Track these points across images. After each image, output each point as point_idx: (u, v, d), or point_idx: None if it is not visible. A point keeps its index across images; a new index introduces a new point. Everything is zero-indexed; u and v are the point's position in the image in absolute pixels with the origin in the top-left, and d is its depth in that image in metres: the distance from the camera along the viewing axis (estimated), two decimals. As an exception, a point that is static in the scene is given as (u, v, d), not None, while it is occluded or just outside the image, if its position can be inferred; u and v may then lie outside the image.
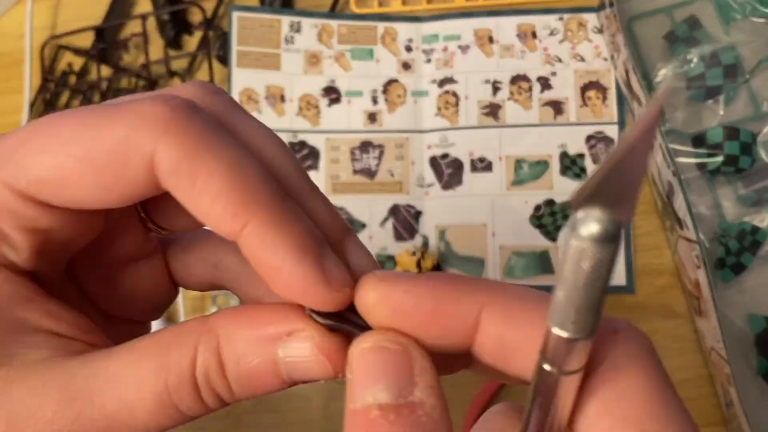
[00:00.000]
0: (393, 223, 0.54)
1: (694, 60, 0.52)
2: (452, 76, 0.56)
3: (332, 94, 0.56)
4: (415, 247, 0.52)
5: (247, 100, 0.55)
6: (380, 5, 0.58)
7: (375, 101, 0.56)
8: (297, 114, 0.56)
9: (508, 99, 0.55)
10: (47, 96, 0.58)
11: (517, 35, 0.56)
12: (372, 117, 0.56)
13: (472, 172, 0.54)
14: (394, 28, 0.57)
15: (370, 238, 0.54)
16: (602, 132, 0.54)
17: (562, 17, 0.56)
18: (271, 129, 0.20)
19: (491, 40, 0.56)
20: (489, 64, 0.56)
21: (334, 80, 0.56)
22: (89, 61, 0.60)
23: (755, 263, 0.49)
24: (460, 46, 0.56)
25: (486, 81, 0.56)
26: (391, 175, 0.55)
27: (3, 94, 0.61)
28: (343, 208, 0.54)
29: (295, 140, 0.55)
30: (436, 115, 0.55)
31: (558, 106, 0.55)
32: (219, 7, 0.59)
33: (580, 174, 0.53)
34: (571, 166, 0.54)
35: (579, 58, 0.55)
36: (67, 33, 0.59)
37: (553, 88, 0.55)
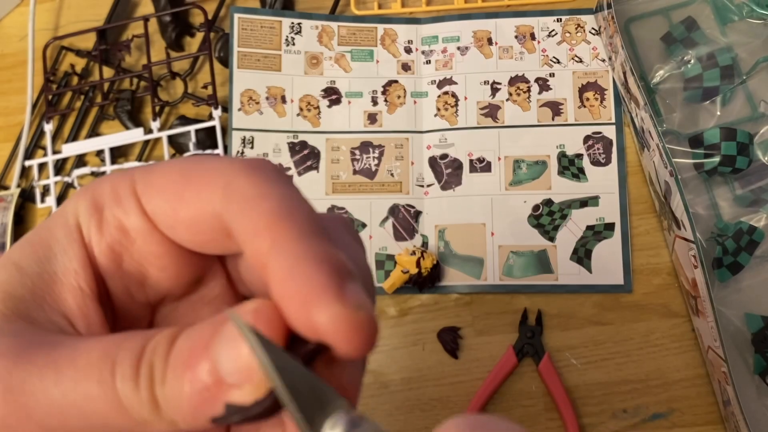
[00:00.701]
0: (393, 223, 0.54)
1: (692, 61, 0.52)
2: (451, 77, 0.56)
3: (332, 95, 0.57)
4: (414, 247, 0.52)
5: (248, 101, 0.56)
6: (380, 7, 0.59)
7: (375, 102, 0.56)
8: (297, 115, 0.56)
9: (507, 100, 0.55)
10: (50, 97, 0.59)
11: (516, 37, 0.57)
12: (372, 118, 0.56)
13: (471, 172, 0.54)
14: (394, 29, 0.58)
15: (370, 237, 0.54)
16: (600, 132, 0.54)
17: (560, 19, 0.57)
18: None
19: (490, 42, 0.57)
20: (488, 66, 0.56)
21: (335, 81, 0.57)
22: (91, 62, 0.60)
23: (752, 263, 0.49)
24: (459, 48, 0.57)
25: (485, 82, 0.56)
26: (391, 175, 0.55)
27: (6, 94, 0.61)
28: (343, 208, 0.55)
29: (296, 141, 0.56)
30: (436, 115, 0.56)
31: (556, 106, 0.55)
32: (220, 9, 0.60)
33: (578, 174, 0.54)
34: (569, 166, 0.54)
35: (577, 59, 0.56)
36: (70, 34, 0.60)
37: (551, 89, 0.55)
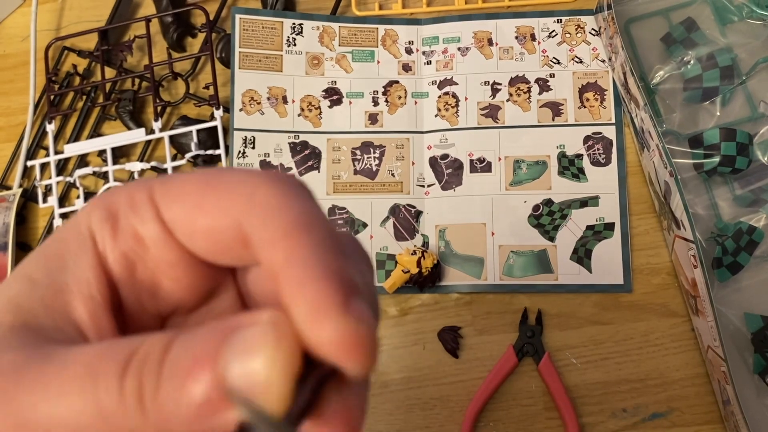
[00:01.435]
0: (393, 223, 0.54)
1: (691, 62, 0.52)
2: (452, 78, 0.56)
3: (333, 95, 0.57)
4: (415, 247, 0.52)
5: (250, 101, 0.56)
6: (381, 8, 0.59)
7: (376, 102, 0.57)
8: (299, 115, 0.56)
9: (507, 100, 0.56)
10: (51, 97, 0.59)
11: (516, 37, 0.57)
12: (373, 118, 0.56)
13: (471, 172, 0.55)
14: (395, 30, 0.58)
15: (371, 237, 0.54)
16: (600, 132, 0.55)
17: (561, 20, 0.57)
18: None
19: (490, 43, 0.57)
20: (488, 66, 0.57)
21: (336, 82, 0.57)
22: (93, 63, 0.61)
23: (752, 263, 0.49)
24: (459, 48, 0.57)
25: (485, 83, 0.56)
26: (392, 175, 0.55)
27: (8, 95, 0.62)
28: (344, 208, 0.55)
29: (297, 141, 0.56)
30: (436, 116, 0.56)
31: (556, 107, 0.55)
32: (222, 10, 0.60)
33: (578, 174, 0.54)
34: (569, 166, 0.54)
35: (577, 60, 0.56)
36: (72, 35, 0.60)
37: (551, 90, 0.56)
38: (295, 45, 0.57)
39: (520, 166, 0.54)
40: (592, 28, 0.56)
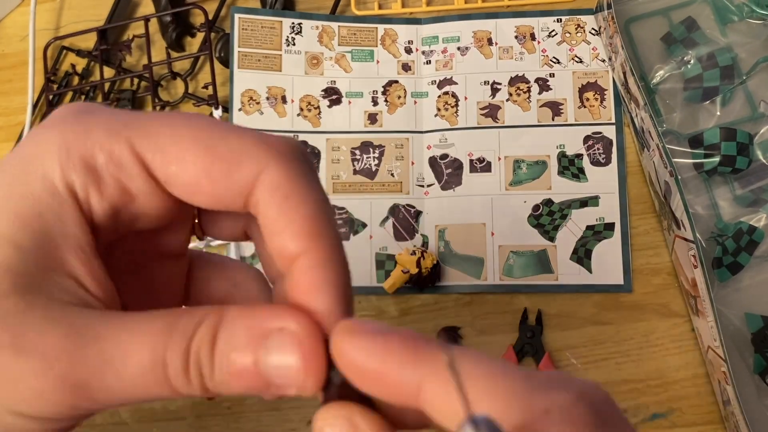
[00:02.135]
0: (393, 223, 0.54)
1: (692, 61, 0.52)
2: (452, 78, 0.56)
3: (333, 95, 0.57)
4: (414, 247, 0.52)
5: (249, 101, 0.56)
6: (380, 7, 0.59)
7: (375, 102, 0.56)
8: (298, 115, 0.56)
9: (507, 100, 0.56)
10: (50, 97, 0.59)
11: (516, 37, 0.57)
12: (372, 118, 0.56)
13: (471, 172, 0.55)
14: (394, 30, 0.58)
15: (371, 237, 0.54)
16: (600, 132, 0.54)
17: (560, 19, 0.57)
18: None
19: (490, 42, 0.57)
20: (488, 66, 0.56)
21: (335, 81, 0.57)
22: (92, 62, 0.61)
23: (752, 263, 0.49)
24: (459, 48, 0.57)
25: (485, 82, 0.56)
26: (392, 175, 0.55)
27: (7, 94, 0.61)
28: (343, 208, 0.55)
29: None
30: (436, 115, 0.56)
31: (556, 107, 0.55)
32: (221, 9, 0.60)
33: (578, 174, 0.54)
34: (569, 166, 0.54)
35: (577, 59, 0.56)
36: (71, 34, 0.60)
37: (551, 90, 0.55)
38: (294, 44, 0.57)
39: (520, 165, 0.54)
40: (592, 28, 0.56)
